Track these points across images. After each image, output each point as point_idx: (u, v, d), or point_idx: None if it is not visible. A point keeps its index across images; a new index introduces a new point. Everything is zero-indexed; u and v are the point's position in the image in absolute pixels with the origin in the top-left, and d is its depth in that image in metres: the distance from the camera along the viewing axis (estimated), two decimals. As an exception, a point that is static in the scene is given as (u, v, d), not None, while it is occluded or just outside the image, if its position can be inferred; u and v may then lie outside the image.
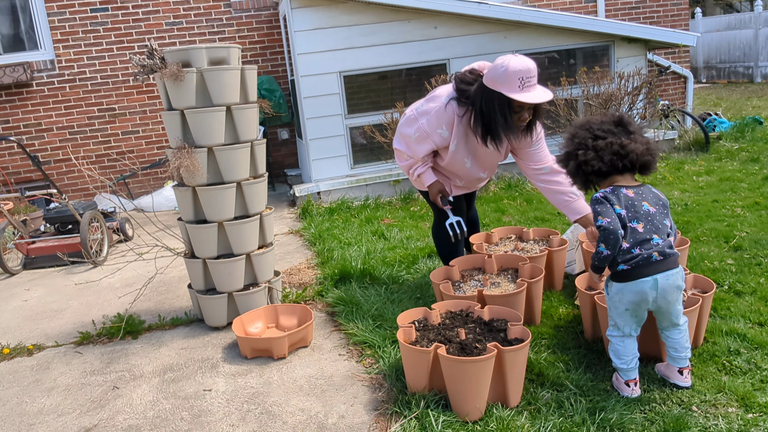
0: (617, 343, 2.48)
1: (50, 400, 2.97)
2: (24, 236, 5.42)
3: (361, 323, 3.31)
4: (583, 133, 2.48)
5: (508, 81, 2.83)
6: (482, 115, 2.97)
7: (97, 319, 3.94)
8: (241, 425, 2.59)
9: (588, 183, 2.53)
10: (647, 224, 2.38)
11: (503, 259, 3.49)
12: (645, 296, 2.35)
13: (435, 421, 2.37)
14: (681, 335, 2.46)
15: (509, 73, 2.81)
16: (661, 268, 2.33)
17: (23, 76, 7.18)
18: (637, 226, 2.37)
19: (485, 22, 6.65)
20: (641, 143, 2.44)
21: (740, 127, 8.02)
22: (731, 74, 15.77)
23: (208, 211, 3.47)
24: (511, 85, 2.84)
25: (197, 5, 7.61)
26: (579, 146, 2.48)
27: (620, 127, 2.46)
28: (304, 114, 6.51)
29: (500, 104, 2.91)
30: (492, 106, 2.92)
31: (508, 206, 5.58)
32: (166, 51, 3.34)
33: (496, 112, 2.92)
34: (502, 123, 2.94)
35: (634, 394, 2.47)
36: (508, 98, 2.87)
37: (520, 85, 2.83)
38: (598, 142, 2.43)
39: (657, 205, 2.44)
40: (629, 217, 2.39)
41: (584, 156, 2.44)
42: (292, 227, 5.75)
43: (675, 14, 8.92)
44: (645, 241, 2.35)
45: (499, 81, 2.86)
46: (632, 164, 2.44)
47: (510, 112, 2.93)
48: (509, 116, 2.93)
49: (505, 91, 2.85)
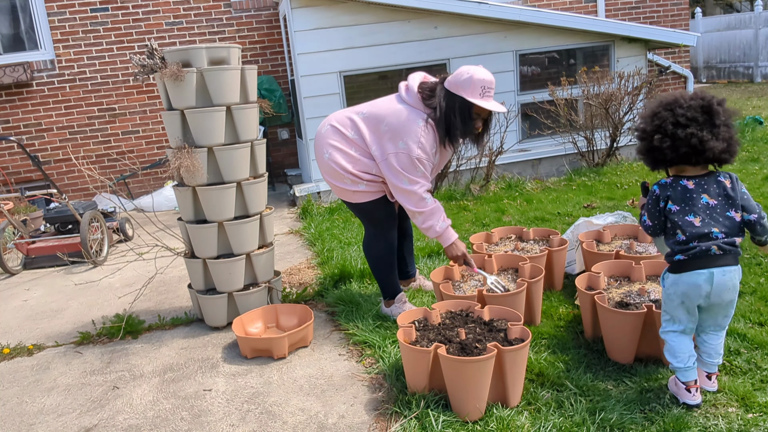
0: (672, 339, 2.36)
1: (50, 400, 2.97)
2: (24, 236, 5.42)
3: (361, 323, 3.31)
4: (666, 115, 2.30)
5: (472, 87, 2.98)
6: (445, 117, 3.05)
7: (97, 319, 3.94)
8: (241, 425, 2.59)
9: (656, 166, 2.39)
10: (705, 217, 2.25)
11: (503, 259, 3.49)
12: (699, 290, 2.24)
13: (435, 421, 2.37)
14: (719, 341, 2.39)
15: (474, 81, 2.97)
16: (719, 263, 2.22)
17: (23, 76, 7.18)
18: (694, 219, 2.26)
19: (485, 22, 6.65)
20: (723, 139, 2.25)
21: (740, 127, 8.02)
22: (731, 74, 15.77)
23: (208, 211, 3.47)
24: (473, 92, 2.99)
25: (197, 5, 7.61)
26: (657, 129, 2.31)
27: (706, 116, 2.26)
28: (304, 114, 6.51)
29: (461, 108, 3.02)
30: (453, 109, 3.03)
31: (508, 206, 5.58)
32: (166, 51, 3.34)
33: (456, 115, 3.03)
34: (461, 126, 3.05)
35: (695, 400, 2.33)
36: (469, 103, 3.00)
37: (482, 93, 2.99)
38: (678, 130, 2.25)
39: (719, 197, 2.28)
40: (685, 211, 2.28)
41: (659, 142, 2.29)
42: (292, 227, 5.75)
43: (675, 14, 8.92)
44: (703, 235, 2.24)
45: (462, 87, 3.00)
46: (706, 161, 2.29)
47: (469, 117, 3.04)
48: (468, 120, 3.05)
49: (467, 96, 2.99)
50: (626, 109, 6.41)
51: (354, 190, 3.22)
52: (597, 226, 3.85)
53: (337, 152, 3.19)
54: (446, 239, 3.17)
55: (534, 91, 6.96)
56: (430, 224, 3.12)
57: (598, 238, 3.70)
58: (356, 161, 3.17)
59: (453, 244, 3.18)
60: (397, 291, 3.42)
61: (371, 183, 3.21)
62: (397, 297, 3.41)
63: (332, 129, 3.22)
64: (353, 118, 3.21)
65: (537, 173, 6.85)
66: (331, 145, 3.20)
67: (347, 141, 3.19)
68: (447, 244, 3.18)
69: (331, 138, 3.21)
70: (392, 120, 3.09)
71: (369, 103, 3.28)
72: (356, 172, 3.17)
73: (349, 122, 3.21)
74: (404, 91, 3.18)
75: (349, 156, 3.18)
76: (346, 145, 3.19)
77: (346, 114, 3.26)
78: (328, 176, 3.27)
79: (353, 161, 3.18)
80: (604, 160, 6.72)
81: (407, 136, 3.04)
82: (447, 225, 3.16)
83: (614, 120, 6.39)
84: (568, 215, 5.10)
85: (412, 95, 3.14)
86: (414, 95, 3.13)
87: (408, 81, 3.21)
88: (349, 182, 3.21)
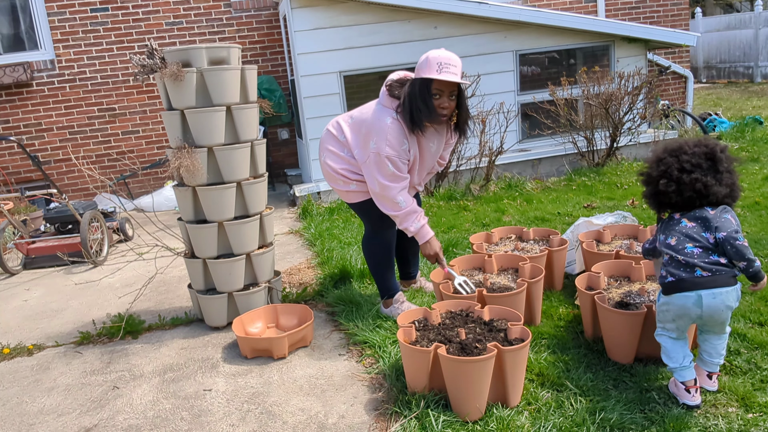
0: (666, 342, 2.42)
1: (50, 400, 2.97)
2: (24, 236, 5.42)
3: (361, 323, 3.31)
4: (671, 161, 2.37)
5: (428, 66, 2.96)
6: (408, 103, 3.03)
7: (97, 319, 3.94)
8: (241, 425, 2.59)
9: (661, 209, 2.48)
10: (680, 236, 2.33)
11: (503, 259, 3.49)
12: (689, 311, 2.29)
13: (435, 421, 2.37)
14: (722, 342, 2.41)
15: (429, 60, 2.96)
16: (708, 285, 2.24)
17: (23, 76, 7.18)
18: (671, 240, 2.36)
19: (485, 22, 6.65)
20: (726, 185, 2.32)
21: (740, 127, 8.03)
22: (731, 74, 15.77)
23: (208, 211, 3.47)
24: (429, 70, 2.95)
25: (197, 5, 7.61)
26: (663, 174, 2.38)
27: (710, 162, 2.33)
28: (304, 114, 6.51)
29: (420, 89, 2.99)
30: (414, 92, 3.01)
31: (508, 206, 5.58)
32: (166, 51, 3.34)
33: (416, 97, 3.00)
34: (424, 108, 3.00)
35: (694, 401, 2.35)
36: (427, 81, 2.97)
37: (438, 69, 2.93)
38: (683, 175, 2.32)
39: (698, 221, 2.34)
40: (666, 235, 2.39)
41: (665, 187, 2.36)
42: (292, 227, 5.75)
43: (675, 14, 8.92)
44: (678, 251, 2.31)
45: (420, 69, 3.00)
46: (710, 204, 2.34)
47: (429, 96, 2.99)
48: (429, 99, 2.99)
49: (424, 74, 2.97)
50: (626, 109, 6.41)
51: (346, 190, 3.32)
52: (597, 226, 3.85)
53: (330, 154, 3.31)
54: (421, 237, 3.21)
55: (534, 91, 6.97)
56: (405, 226, 3.19)
57: (598, 238, 3.70)
58: (345, 162, 3.27)
59: (427, 242, 3.22)
60: (393, 290, 3.42)
61: (361, 183, 3.28)
62: (395, 297, 3.41)
63: (327, 133, 3.36)
64: (341, 122, 3.31)
65: (537, 173, 6.85)
66: (326, 148, 3.33)
67: (339, 143, 3.29)
68: (421, 242, 3.23)
69: (326, 141, 3.34)
70: (368, 121, 3.16)
71: (358, 109, 3.36)
72: (345, 173, 3.27)
73: (338, 126, 3.31)
74: (382, 92, 3.22)
75: (339, 157, 3.28)
76: (338, 147, 3.29)
77: (338, 118, 3.37)
78: (326, 177, 3.40)
79: (342, 162, 3.27)
80: (604, 160, 6.72)
81: (376, 135, 3.08)
82: (421, 224, 3.19)
83: (614, 120, 6.39)
84: (568, 215, 5.10)
85: (383, 94, 3.18)
86: (384, 93, 3.17)
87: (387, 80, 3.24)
88: (341, 183, 3.31)
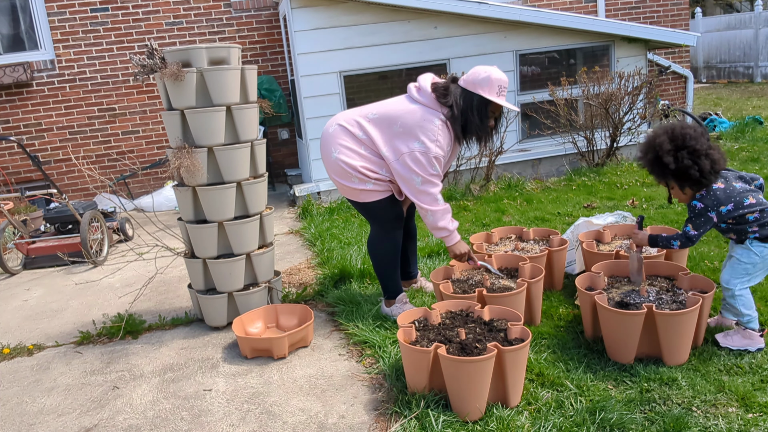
0: (748, 295, 2.76)
1: (50, 400, 2.97)
2: (24, 236, 5.42)
3: (361, 323, 3.31)
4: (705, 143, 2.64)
5: (490, 86, 3.06)
6: (462, 114, 3.10)
7: (97, 319, 3.94)
8: (241, 425, 2.59)
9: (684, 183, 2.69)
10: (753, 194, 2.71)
11: (503, 259, 3.49)
12: None
13: (435, 421, 2.37)
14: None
15: (492, 80, 3.05)
16: None
17: (23, 76, 7.18)
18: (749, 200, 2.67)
19: (485, 22, 6.65)
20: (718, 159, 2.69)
21: (740, 127, 8.03)
22: (731, 74, 15.76)
23: (208, 211, 3.47)
24: (491, 90, 3.06)
25: (197, 5, 7.61)
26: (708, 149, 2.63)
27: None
28: (304, 114, 6.51)
29: (479, 105, 3.09)
30: (471, 106, 3.09)
31: (508, 206, 5.58)
32: (166, 51, 3.34)
33: (474, 112, 3.09)
34: (478, 123, 3.12)
35: (763, 343, 2.75)
36: (486, 100, 3.07)
37: (498, 92, 3.08)
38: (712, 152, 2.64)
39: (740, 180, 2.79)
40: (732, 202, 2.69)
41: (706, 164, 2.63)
42: (292, 227, 5.75)
43: (675, 14, 8.92)
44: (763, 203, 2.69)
45: (480, 85, 3.06)
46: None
47: (486, 116, 3.12)
48: (485, 117, 3.12)
49: (485, 94, 3.06)
50: (626, 109, 6.41)
51: (361, 188, 3.23)
52: (597, 226, 3.85)
53: (347, 150, 3.20)
54: (453, 238, 3.26)
55: (534, 91, 6.96)
56: (443, 224, 3.19)
57: (598, 238, 3.70)
58: (365, 159, 3.20)
59: (459, 242, 3.28)
60: (398, 291, 3.42)
61: (378, 182, 3.22)
62: (398, 297, 3.41)
63: (341, 128, 3.24)
64: (360, 120, 3.22)
65: (537, 173, 6.85)
66: (340, 144, 3.21)
67: (356, 140, 3.21)
68: (453, 242, 3.27)
69: (339, 137, 3.23)
70: (407, 120, 3.12)
71: (378, 104, 3.28)
72: (364, 171, 3.19)
73: (357, 124, 3.22)
74: (416, 92, 3.20)
75: (358, 154, 3.19)
76: (356, 144, 3.20)
77: (353, 116, 3.27)
78: (336, 175, 3.27)
79: (362, 159, 3.19)
80: (604, 160, 6.72)
81: (424, 135, 3.07)
82: (456, 225, 3.24)
83: (614, 120, 6.39)
84: (568, 215, 5.10)
85: (425, 95, 3.15)
86: (428, 95, 3.15)
87: (419, 82, 3.23)
88: (356, 181, 3.21)
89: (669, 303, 2.77)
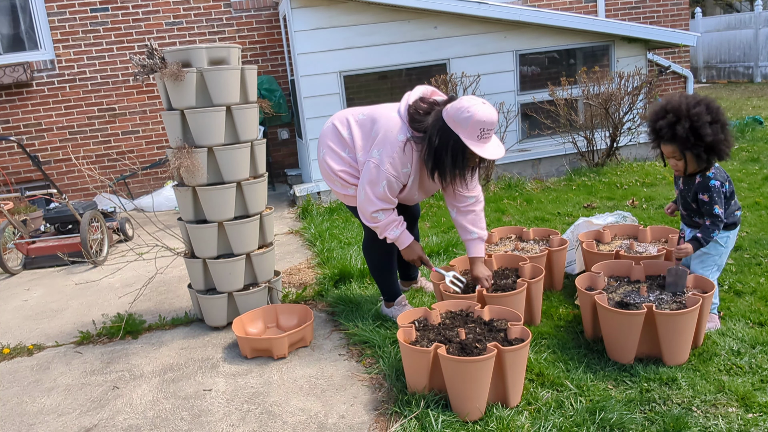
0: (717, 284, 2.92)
1: (50, 400, 2.97)
2: (24, 236, 5.42)
3: (361, 323, 3.31)
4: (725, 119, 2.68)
5: (470, 128, 2.73)
6: (435, 152, 2.84)
7: (97, 319, 3.94)
8: (241, 425, 2.59)
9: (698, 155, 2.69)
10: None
11: (503, 259, 3.49)
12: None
13: (435, 421, 2.37)
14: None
15: (473, 122, 2.72)
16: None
17: (23, 76, 7.18)
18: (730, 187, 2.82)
19: (485, 22, 6.65)
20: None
21: (740, 127, 8.02)
22: (731, 74, 15.76)
23: (208, 211, 3.47)
24: (470, 133, 2.75)
25: (197, 5, 7.61)
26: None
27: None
28: (304, 114, 6.51)
29: (454, 147, 2.79)
30: (446, 146, 2.80)
31: (508, 206, 5.58)
32: (166, 51, 3.34)
33: (448, 153, 2.81)
34: (451, 165, 2.83)
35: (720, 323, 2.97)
36: (463, 144, 2.77)
37: (479, 135, 2.75)
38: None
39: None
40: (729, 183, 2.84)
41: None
42: (292, 227, 5.75)
43: (675, 14, 8.92)
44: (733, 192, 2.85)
45: (460, 125, 2.75)
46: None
47: (463, 158, 2.83)
48: (461, 160, 2.83)
49: (463, 137, 2.75)
50: (626, 109, 6.41)
51: (344, 193, 3.18)
52: (597, 226, 3.85)
53: (331, 153, 3.12)
54: (400, 244, 3.11)
55: (534, 91, 6.97)
56: (384, 235, 3.09)
57: (598, 238, 3.70)
58: (345, 163, 3.09)
59: (407, 247, 3.13)
60: (396, 294, 3.40)
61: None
62: (397, 300, 3.39)
63: (332, 128, 3.16)
64: (350, 118, 3.13)
65: (537, 173, 6.85)
66: (327, 145, 3.14)
67: (341, 142, 3.11)
68: (402, 247, 3.13)
69: (328, 138, 3.15)
70: (382, 126, 2.98)
71: (372, 106, 3.20)
72: (344, 176, 3.10)
73: (346, 122, 3.14)
74: (403, 103, 3.05)
75: (340, 158, 3.10)
76: (340, 146, 3.11)
77: (347, 114, 3.18)
78: (323, 176, 3.23)
79: (342, 163, 3.10)
80: (604, 160, 6.72)
81: (383, 147, 2.93)
82: (399, 232, 3.07)
83: (614, 120, 6.39)
84: (568, 215, 5.10)
85: (402, 111, 3.00)
86: (403, 113, 2.98)
87: (409, 93, 3.08)
88: (339, 185, 3.15)
89: (669, 303, 2.77)
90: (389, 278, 3.38)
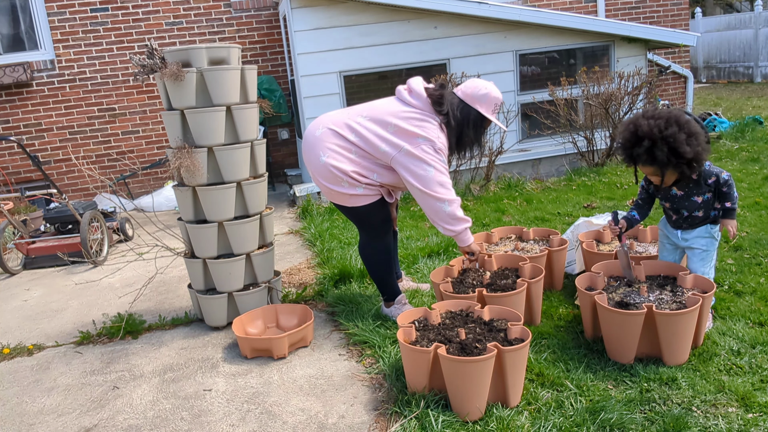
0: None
1: (50, 400, 2.97)
2: (24, 236, 5.42)
3: (361, 323, 3.31)
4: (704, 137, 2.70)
5: (488, 103, 3.14)
6: (458, 127, 3.14)
7: (97, 319, 3.94)
8: (241, 425, 2.59)
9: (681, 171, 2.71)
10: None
11: (503, 259, 3.49)
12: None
13: (435, 421, 2.37)
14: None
15: (490, 98, 3.14)
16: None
17: (23, 76, 7.18)
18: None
19: (485, 22, 6.65)
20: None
21: (740, 127, 8.02)
22: (731, 74, 15.76)
23: (208, 211, 3.47)
24: (488, 107, 3.15)
25: (197, 5, 7.61)
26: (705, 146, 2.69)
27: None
28: (304, 114, 6.51)
29: (476, 120, 3.16)
30: (467, 120, 3.14)
31: (508, 206, 5.58)
32: (166, 51, 3.34)
33: (470, 126, 3.15)
34: (473, 137, 3.20)
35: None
36: (483, 117, 3.15)
37: (494, 110, 3.17)
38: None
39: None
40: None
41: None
42: (292, 227, 5.75)
43: (675, 14, 8.92)
44: None
45: (479, 100, 3.13)
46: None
47: (482, 130, 3.21)
48: (480, 134, 3.22)
49: (482, 111, 3.14)
50: (626, 109, 6.41)
51: (351, 193, 3.15)
52: (597, 226, 3.85)
53: (336, 154, 3.09)
54: (467, 233, 3.21)
55: (534, 91, 6.96)
56: (460, 215, 3.11)
57: (598, 238, 3.70)
58: (355, 164, 3.10)
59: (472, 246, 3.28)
60: (396, 292, 3.41)
61: (369, 186, 3.16)
62: (397, 299, 3.40)
63: (330, 132, 3.13)
64: (350, 123, 3.12)
65: (537, 173, 6.85)
66: (329, 147, 3.11)
67: (347, 144, 3.10)
68: (468, 240, 3.23)
69: (328, 140, 3.12)
70: (401, 121, 3.05)
71: (366, 106, 3.20)
72: (355, 175, 3.10)
73: (347, 126, 3.12)
74: (407, 94, 3.15)
75: (348, 159, 3.09)
76: (346, 148, 3.10)
77: (342, 119, 3.16)
78: (324, 179, 3.16)
79: (352, 164, 3.10)
80: (604, 160, 6.72)
81: (424, 132, 3.04)
82: (469, 221, 3.18)
83: (614, 120, 6.39)
84: (568, 215, 5.10)
85: (419, 98, 3.11)
86: (423, 99, 3.11)
87: (410, 84, 3.18)
88: (347, 185, 3.13)
89: (669, 303, 2.77)
90: (388, 278, 3.39)
